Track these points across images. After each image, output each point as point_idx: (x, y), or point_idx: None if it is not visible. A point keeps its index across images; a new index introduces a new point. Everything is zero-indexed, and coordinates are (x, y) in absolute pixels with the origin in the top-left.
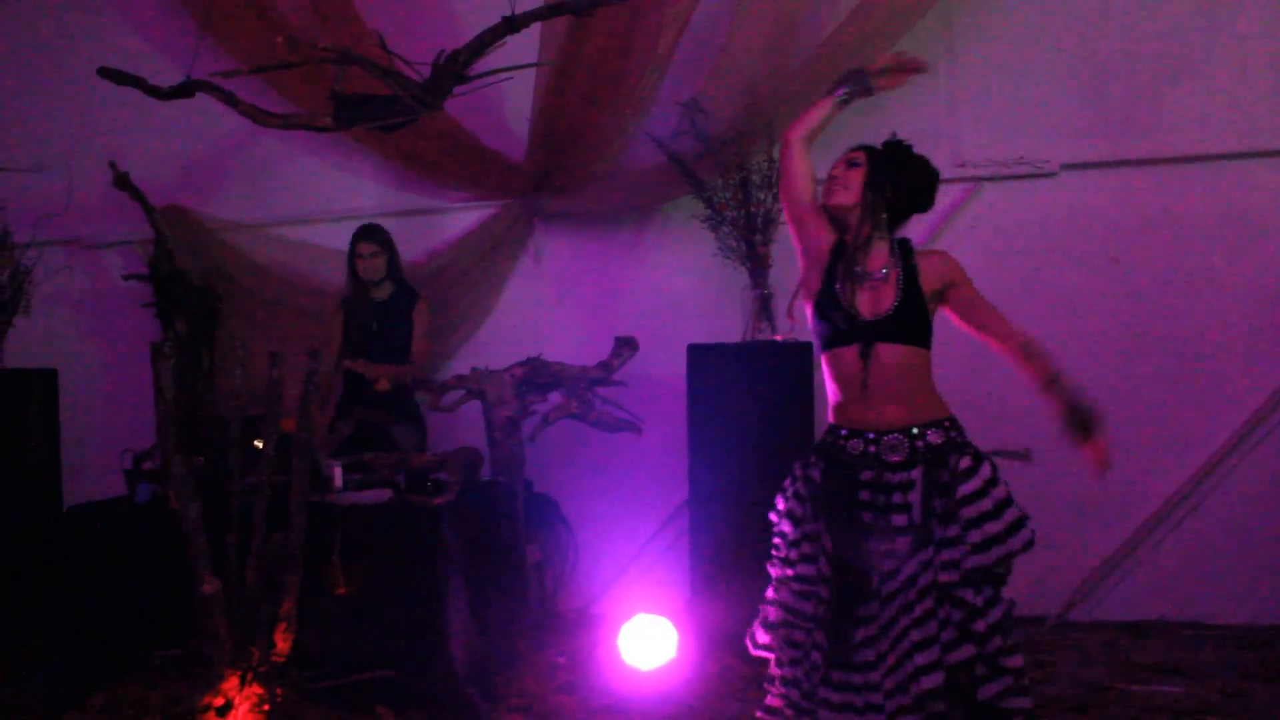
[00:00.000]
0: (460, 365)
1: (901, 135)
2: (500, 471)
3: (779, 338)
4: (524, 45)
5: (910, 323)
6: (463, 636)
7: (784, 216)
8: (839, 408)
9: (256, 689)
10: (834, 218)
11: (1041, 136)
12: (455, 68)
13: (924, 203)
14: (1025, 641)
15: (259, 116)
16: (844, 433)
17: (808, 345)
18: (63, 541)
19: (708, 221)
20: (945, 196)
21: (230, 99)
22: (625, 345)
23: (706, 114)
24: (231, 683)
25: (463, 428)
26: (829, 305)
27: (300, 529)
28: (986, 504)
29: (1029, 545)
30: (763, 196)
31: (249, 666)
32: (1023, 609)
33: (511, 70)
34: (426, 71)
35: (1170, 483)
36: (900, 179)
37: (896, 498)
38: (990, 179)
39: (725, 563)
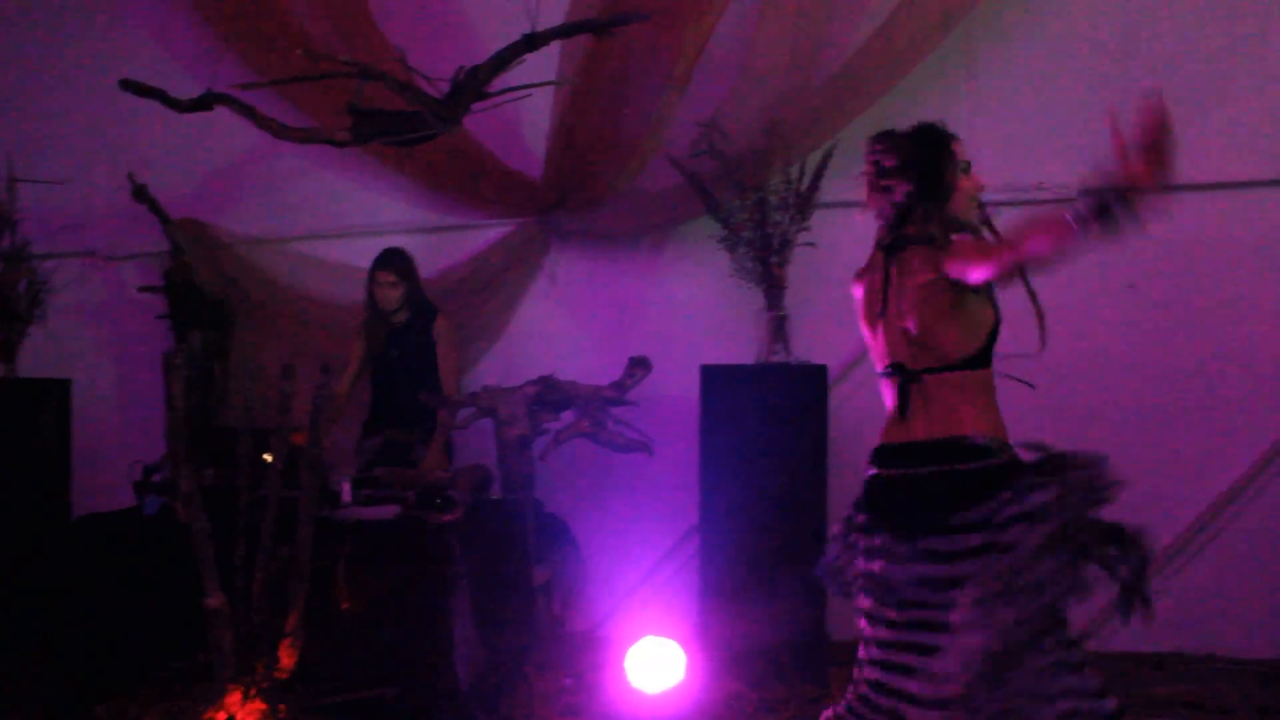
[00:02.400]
0: (472, 383)
1: None
2: (510, 490)
3: (793, 360)
4: (543, 63)
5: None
6: (468, 655)
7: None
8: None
9: (259, 704)
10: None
11: (1062, 162)
12: (474, 84)
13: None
14: None
15: (277, 130)
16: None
17: (822, 368)
18: (71, 551)
19: (724, 242)
20: None
21: (249, 112)
22: (638, 365)
23: (725, 134)
24: (234, 697)
25: (476, 445)
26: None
27: (307, 543)
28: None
29: None
30: (779, 218)
31: (252, 681)
32: None
33: (530, 88)
34: (445, 88)
35: (1189, 511)
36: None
37: None
38: (1009, 204)
39: (734, 587)
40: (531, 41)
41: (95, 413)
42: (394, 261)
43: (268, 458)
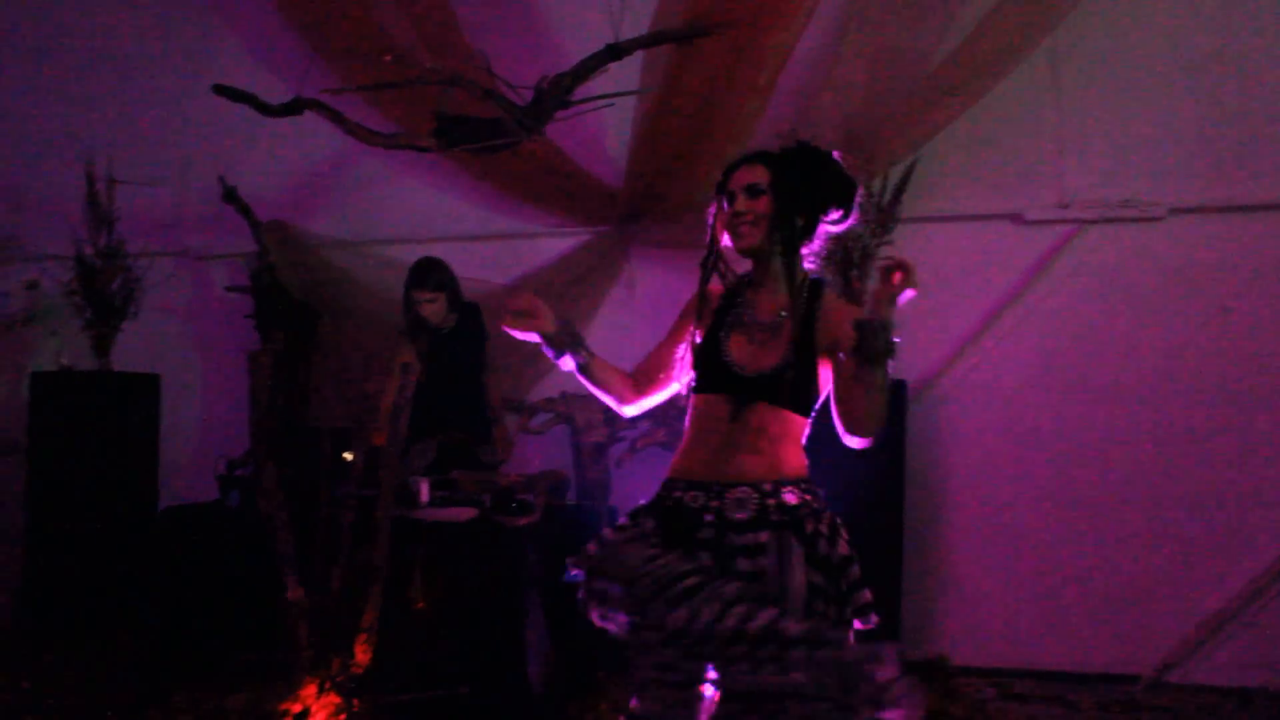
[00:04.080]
0: (549, 389)
1: (1004, 173)
2: (585, 496)
3: None
4: (627, 73)
5: (791, 385)
6: (540, 658)
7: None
8: (686, 453)
9: (333, 698)
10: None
11: (1150, 179)
12: (558, 93)
13: (837, 220)
14: (1113, 700)
15: (364, 135)
16: (680, 485)
17: (901, 383)
18: (156, 542)
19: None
20: (1047, 238)
21: (337, 117)
22: None
23: None
24: (309, 690)
25: (546, 450)
26: (707, 352)
27: (385, 542)
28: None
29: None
30: (861, 231)
31: (328, 676)
32: (1114, 666)
33: (613, 97)
34: (529, 96)
35: (1275, 543)
36: (815, 200)
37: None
38: (1094, 222)
39: None
40: (615, 51)
41: (182, 407)
42: (431, 276)
43: (348, 456)
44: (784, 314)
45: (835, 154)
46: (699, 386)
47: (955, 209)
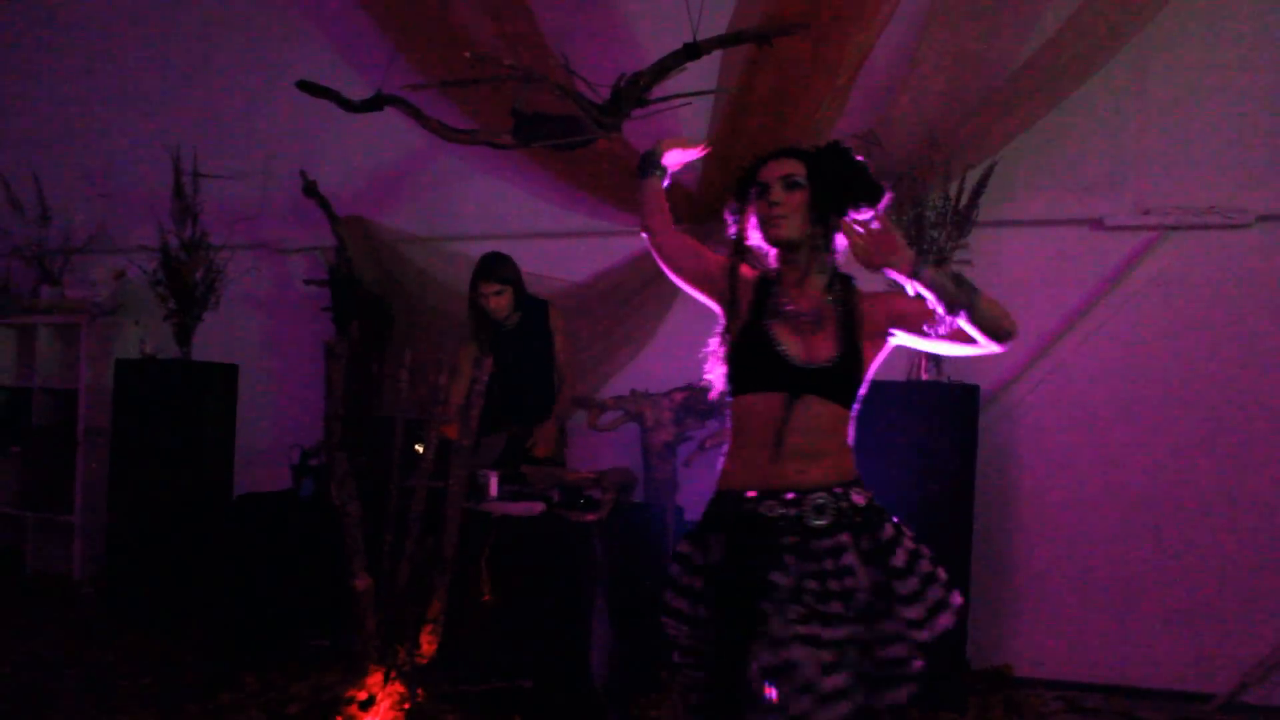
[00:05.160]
0: (620, 386)
1: (1084, 178)
2: (653, 494)
3: (945, 379)
4: (704, 72)
5: (843, 378)
6: (604, 654)
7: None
8: (746, 462)
9: (399, 687)
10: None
11: (1236, 186)
12: (635, 91)
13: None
14: (1186, 718)
15: (442, 131)
16: (751, 495)
17: (974, 388)
18: (230, 528)
19: None
20: (1126, 245)
21: (417, 113)
22: None
23: (883, 147)
24: (376, 678)
25: (615, 448)
26: (753, 346)
27: (454, 534)
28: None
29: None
30: (936, 234)
31: (393, 664)
32: (1187, 685)
33: (690, 96)
34: (606, 94)
35: None
36: (849, 197)
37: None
38: (1177, 228)
39: None
40: (693, 50)
41: (258, 397)
42: (497, 270)
43: (419, 448)
44: (830, 300)
45: (860, 157)
46: (747, 384)
47: (1033, 214)
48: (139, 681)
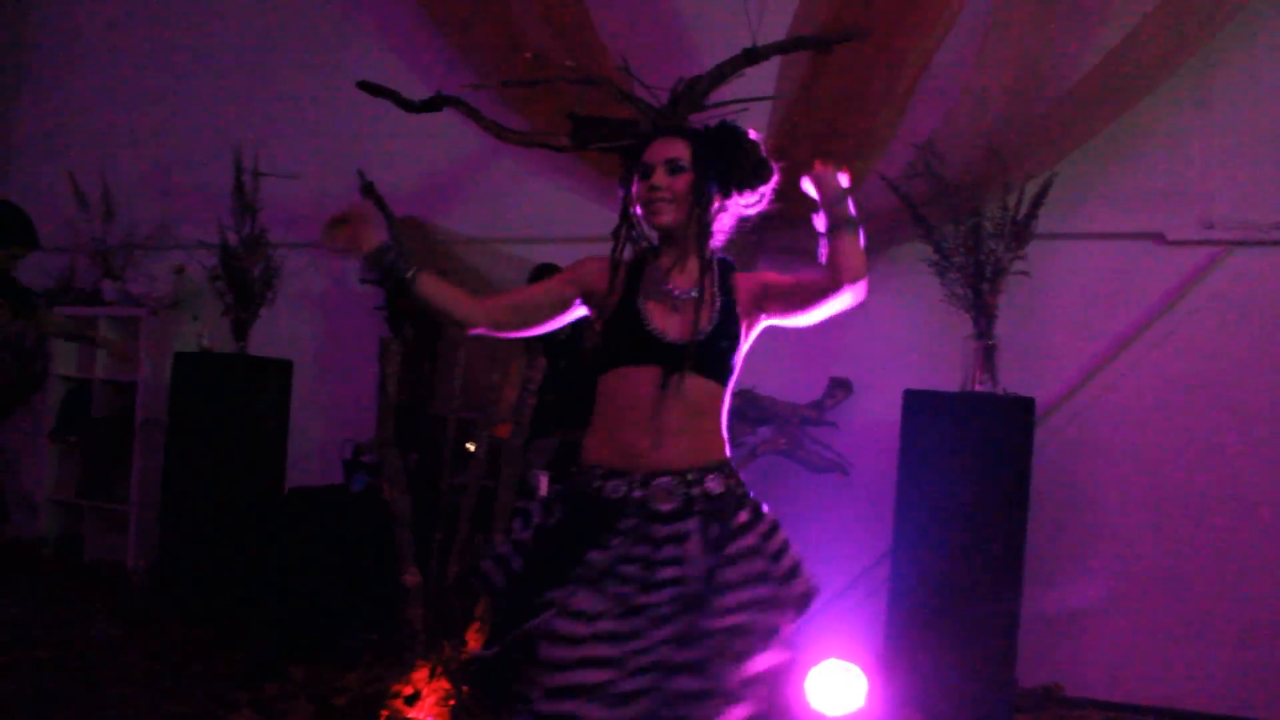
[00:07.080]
0: None
1: (1145, 191)
2: None
3: (1000, 391)
4: (762, 77)
5: (717, 354)
6: None
7: (1012, 264)
8: (605, 439)
9: (444, 683)
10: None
11: None
12: (693, 95)
13: (752, 204)
14: None
15: (500, 133)
16: (600, 473)
17: (1029, 401)
18: (281, 521)
19: (934, 266)
20: (1189, 260)
21: (475, 114)
22: (839, 386)
23: (941, 157)
24: (422, 674)
25: None
26: (626, 323)
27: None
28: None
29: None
30: (993, 245)
31: (440, 660)
32: (1223, 707)
33: (749, 101)
34: (665, 98)
35: None
36: (734, 181)
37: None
38: (1241, 244)
39: (924, 617)
40: (751, 56)
41: (312, 393)
42: (548, 274)
43: (470, 447)
44: (706, 278)
45: (753, 134)
46: (617, 359)
47: (1093, 227)
48: (189, 669)
